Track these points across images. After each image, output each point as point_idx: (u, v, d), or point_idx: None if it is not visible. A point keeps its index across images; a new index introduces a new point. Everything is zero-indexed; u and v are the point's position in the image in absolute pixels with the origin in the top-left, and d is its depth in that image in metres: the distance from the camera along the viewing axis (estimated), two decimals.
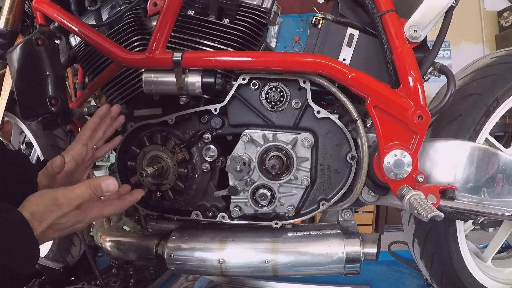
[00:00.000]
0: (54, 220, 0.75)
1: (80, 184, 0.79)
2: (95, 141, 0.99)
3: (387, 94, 0.92)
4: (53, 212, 0.75)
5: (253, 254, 1.03)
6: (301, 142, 0.99)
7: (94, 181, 0.78)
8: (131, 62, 0.98)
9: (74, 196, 0.77)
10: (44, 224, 0.74)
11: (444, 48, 3.52)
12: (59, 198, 0.76)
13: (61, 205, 0.76)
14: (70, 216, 0.77)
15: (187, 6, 1.04)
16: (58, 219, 0.76)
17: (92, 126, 0.98)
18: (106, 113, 1.00)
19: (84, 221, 0.80)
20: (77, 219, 0.79)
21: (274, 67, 0.96)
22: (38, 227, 0.74)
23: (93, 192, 0.77)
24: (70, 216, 0.77)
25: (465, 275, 1.14)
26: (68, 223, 0.78)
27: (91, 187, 0.77)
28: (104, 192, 0.78)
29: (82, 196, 0.77)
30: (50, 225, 0.75)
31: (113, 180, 0.79)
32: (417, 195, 0.90)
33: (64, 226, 0.77)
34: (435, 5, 0.94)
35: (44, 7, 1.02)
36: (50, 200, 0.76)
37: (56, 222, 0.76)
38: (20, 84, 0.98)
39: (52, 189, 0.79)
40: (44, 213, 0.75)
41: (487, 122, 1.07)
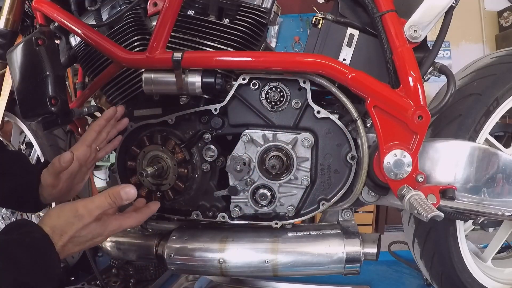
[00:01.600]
0: (75, 232, 0.76)
1: (100, 195, 0.79)
2: (99, 143, 0.99)
3: (387, 94, 0.92)
4: (73, 225, 0.75)
5: (253, 254, 1.03)
6: (301, 142, 0.99)
7: (113, 190, 0.79)
8: (131, 62, 0.98)
9: (94, 207, 0.77)
10: (64, 238, 0.75)
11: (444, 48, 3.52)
12: (79, 209, 0.76)
13: (82, 216, 0.76)
14: (91, 228, 0.77)
15: (187, 6, 1.04)
16: (79, 231, 0.76)
17: (98, 129, 0.98)
18: (113, 116, 1.00)
19: (104, 234, 0.80)
20: (97, 232, 0.79)
21: (274, 67, 0.96)
22: (59, 241, 0.74)
23: (112, 201, 0.78)
24: (90, 228, 0.77)
25: (465, 275, 1.14)
26: (89, 235, 0.78)
27: (110, 196, 0.78)
28: (124, 200, 0.79)
29: (102, 206, 0.78)
30: (70, 238, 0.75)
31: (132, 188, 0.80)
32: (417, 195, 0.90)
33: (84, 239, 0.78)
34: (435, 5, 0.94)
35: (44, 7, 1.02)
36: (71, 212, 0.76)
37: (76, 235, 0.76)
38: (20, 84, 0.98)
39: (71, 202, 0.80)
40: (65, 226, 0.75)
41: (487, 122, 1.07)
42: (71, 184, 0.96)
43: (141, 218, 0.87)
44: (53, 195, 0.94)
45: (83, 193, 1.52)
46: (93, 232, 0.78)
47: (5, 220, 1.70)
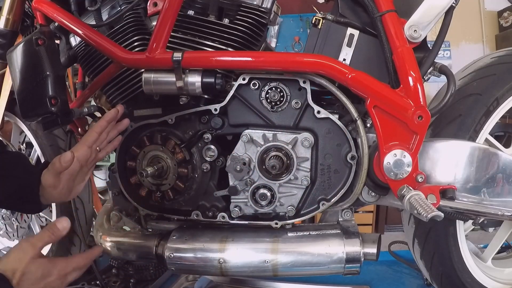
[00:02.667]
0: (24, 268, 0.77)
1: (40, 232, 0.84)
2: (99, 144, 0.99)
3: (387, 94, 0.92)
4: (21, 259, 0.78)
5: (253, 254, 1.03)
6: (301, 142, 0.99)
7: (49, 225, 0.85)
8: (131, 62, 0.98)
9: (36, 240, 0.81)
10: (17, 274, 0.76)
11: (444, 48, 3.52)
12: (23, 244, 0.80)
13: (26, 249, 0.79)
14: (38, 263, 0.80)
15: (187, 6, 1.04)
16: (28, 266, 0.78)
17: (99, 130, 0.98)
18: (114, 118, 1.00)
19: (53, 272, 0.82)
20: (45, 268, 0.81)
21: (274, 67, 0.96)
22: (13, 278, 0.76)
23: (51, 232, 0.83)
24: (38, 263, 0.80)
25: (465, 275, 1.14)
26: (39, 272, 0.79)
27: (49, 230, 0.83)
28: (61, 230, 0.84)
29: (43, 238, 0.82)
30: (22, 275, 0.77)
31: (65, 219, 0.85)
32: (417, 195, 0.90)
33: (35, 276, 0.79)
34: (435, 5, 0.94)
35: (44, 7, 1.02)
36: (17, 248, 0.80)
37: (26, 271, 0.78)
38: (20, 84, 0.98)
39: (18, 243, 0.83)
40: (14, 262, 0.78)
41: (487, 122, 1.07)
42: (72, 185, 0.96)
43: (87, 261, 0.89)
44: (54, 195, 0.95)
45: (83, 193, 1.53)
46: (42, 268, 0.80)
47: (5, 220, 1.70)
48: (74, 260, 0.87)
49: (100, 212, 1.24)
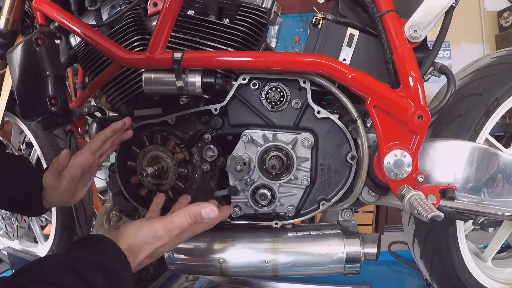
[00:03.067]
0: (154, 251, 0.78)
1: (179, 213, 0.82)
2: (103, 151, 1.00)
3: (387, 94, 0.92)
4: (152, 244, 0.78)
5: (253, 254, 1.03)
6: (301, 142, 0.99)
7: (193, 210, 0.81)
8: (131, 62, 0.98)
9: (173, 227, 0.80)
10: (141, 256, 0.77)
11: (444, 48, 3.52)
12: (159, 231, 0.78)
13: (161, 237, 0.79)
14: (169, 244, 0.81)
15: (187, 6, 1.04)
16: (157, 249, 0.79)
17: (104, 138, 0.99)
18: (121, 129, 1.01)
19: (179, 242, 0.84)
20: (173, 244, 0.82)
21: (274, 67, 0.96)
22: (136, 258, 0.76)
23: (192, 220, 0.81)
24: (168, 245, 0.81)
25: (465, 275, 1.14)
26: (166, 250, 0.81)
27: (190, 216, 0.81)
28: (204, 219, 0.81)
29: (182, 226, 0.80)
30: (148, 255, 0.78)
31: (213, 207, 0.82)
32: (417, 195, 0.90)
33: (161, 253, 0.82)
34: (435, 5, 0.94)
35: (44, 7, 1.02)
36: (150, 233, 0.78)
37: (154, 252, 0.79)
38: (20, 84, 0.98)
39: (148, 221, 0.81)
40: (143, 246, 0.77)
41: (487, 122, 1.07)
42: (73, 189, 0.96)
43: (212, 223, 0.89)
44: (55, 197, 0.95)
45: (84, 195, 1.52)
46: (170, 246, 0.82)
47: (5, 220, 1.70)
48: (200, 228, 0.85)
49: (100, 212, 1.24)
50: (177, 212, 0.82)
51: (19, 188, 0.94)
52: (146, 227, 0.79)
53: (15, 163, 1.00)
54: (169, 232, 0.79)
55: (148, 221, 0.81)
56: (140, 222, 0.81)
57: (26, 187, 0.95)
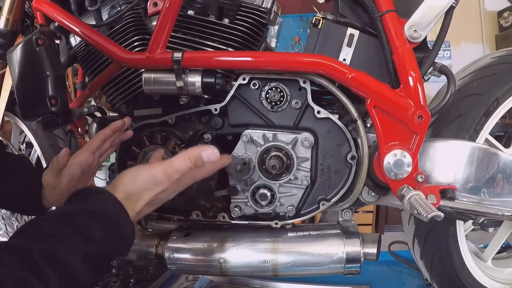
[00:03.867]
0: (153, 197, 0.74)
1: (178, 157, 0.77)
2: (102, 151, 1.00)
3: (387, 94, 0.92)
4: (151, 190, 0.74)
5: (253, 254, 1.03)
6: (301, 142, 0.99)
7: (193, 153, 0.77)
8: (131, 62, 0.98)
9: (173, 171, 0.76)
10: (140, 203, 0.73)
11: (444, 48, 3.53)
12: (158, 175, 0.74)
13: (161, 182, 0.74)
14: (168, 190, 0.76)
15: (187, 6, 1.04)
16: (157, 195, 0.75)
17: (103, 137, 0.98)
18: (120, 128, 1.00)
19: (179, 189, 0.79)
20: (173, 190, 0.78)
21: (274, 67, 0.96)
22: (134, 207, 0.72)
23: (193, 164, 0.77)
24: (168, 190, 0.76)
25: (465, 275, 1.14)
26: (165, 196, 0.77)
27: (190, 159, 0.76)
28: (205, 163, 0.77)
29: (182, 169, 0.76)
30: (147, 203, 0.74)
31: (214, 149, 0.78)
32: (417, 195, 0.90)
33: (160, 201, 0.77)
34: (435, 5, 0.94)
35: (44, 7, 1.02)
36: (149, 178, 0.74)
37: (154, 199, 0.75)
38: (20, 84, 0.98)
39: (146, 166, 0.78)
40: (142, 192, 0.73)
41: (487, 122, 1.07)
42: (73, 189, 0.96)
43: (212, 170, 0.85)
44: (54, 197, 0.95)
45: None
46: (169, 191, 0.77)
47: (5, 220, 1.71)
48: (200, 173, 0.81)
49: None
50: (177, 156, 0.78)
51: (18, 187, 0.94)
52: (144, 172, 0.75)
53: (15, 162, 1.00)
54: (169, 177, 0.75)
55: (146, 166, 0.77)
56: (138, 167, 0.77)
57: (25, 186, 0.95)
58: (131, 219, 0.71)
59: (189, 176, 0.80)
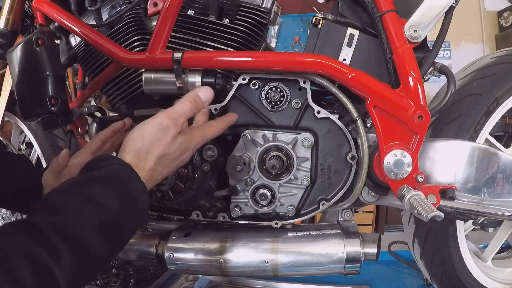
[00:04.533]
0: (163, 149, 0.72)
1: (178, 102, 0.77)
2: (103, 151, 1.00)
3: (387, 94, 0.92)
4: (160, 140, 0.72)
5: (253, 254, 1.03)
6: (301, 142, 0.99)
7: (190, 94, 0.78)
8: (131, 62, 0.98)
9: (177, 115, 0.75)
10: (151, 160, 0.70)
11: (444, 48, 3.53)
12: (164, 121, 0.72)
13: (168, 128, 0.72)
14: (178, 141, 0.74)
15: (187, 6, 1.04)
16: (167, 147, 0.72)
17: (104, 138, 0.98)
18: (121, 129, 1.00)
19: (190, 147, 0.77)
20: (184, 146, 0.76)
21: (274, 67, 0.96)
22: (145, 164, 0.70)
23: (193, 105, 0.77)
24: (178, 142, 0.74)
25: (465, 275, 1.14)
26: (177, 151, 0.74)
27: (190, 100, 0.77)
28: (204, 102, 0.79)
29: (185, 112, 0.76)
30: (158, 158, 0.71)
31: (207, 88, 0.80)
32: (417, 195, 0.90)
33: (173, 157, 0.74)
34: (435, 5, 0.94)
35: (44, 7, 1.02)
36: (155, 127, 0.72)
37: (165, 153, 0.72)
38: (20, 84, 0.98)
39: (150, 118, 0.75)
40: (152, 144, 0.71)
41: (487, 122, 1.07)
42: None
43: (222, 126, 0.84)
44: None
45: None
46: (180, 147, 0.74)
47: (5, 220, 1.70)
48: (210, 131, 0.80)
49: None
50: (177, 101, 0.78)
51: (18, 187, 0.94)
52: (149, 123, 0.73)
53: (15, 162, 1.00)
54: (175, 121, 0.73)
55: (151, 118, 0.75)
56: (143, 122, 0.75)
57: (25, 185, 0.95)
58: (143, 179, 0.68)
59: (197, 133, 0.79)
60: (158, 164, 0.72)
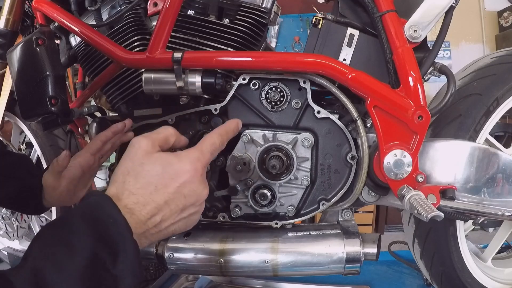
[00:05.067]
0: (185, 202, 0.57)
1: (209, 138, 0.66)
2: (103, 152, 1.00)
3: (387, 94, 0.92)
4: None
5: (253, 254, 1.03)
6: (301, 142, 0.99)
7: (226, 127, 0.70)
8: (131, 62, 0.98)
9: (207, 153, 0.63)
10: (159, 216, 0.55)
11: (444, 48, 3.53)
12: (189, 161, 0.59)
13: (195, 172, 0.58)
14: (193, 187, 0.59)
15: (187, 6, 1.04)
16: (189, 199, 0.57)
17: (104, 139, 0.99)
18: (121, 130, 1.00)
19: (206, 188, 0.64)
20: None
21: (274, 67, 0.96)
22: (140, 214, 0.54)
23: (226, 139, 0.68)
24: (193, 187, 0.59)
25: (465, 275, 1.14)
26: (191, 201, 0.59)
27: (222, 135, 0.68)
28: (235, 132, 0.72)
29: (214, 147, 0.66)
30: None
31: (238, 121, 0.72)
32: (417, 195, 0.90)
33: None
34: (435, 5, 0.94)
35: (44, 7, 1.02)
36: (183, 171, 0.58)
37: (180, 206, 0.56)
38: (20, 84, 0.98)
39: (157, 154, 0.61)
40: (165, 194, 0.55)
41: (487, 122, 1.07)
42: (73, 189, 0.97)
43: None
44: (54, 197, 0.95)
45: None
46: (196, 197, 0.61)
47: (5, 220, 1.71)
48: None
49: None
50: (203, 141, 0.68)
51: (19, 186, 0.94)
52: (162, 159, 0.59)
53: (16, 161, 1.01)
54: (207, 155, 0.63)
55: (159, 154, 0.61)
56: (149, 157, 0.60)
57: (26, 185, 0.95)
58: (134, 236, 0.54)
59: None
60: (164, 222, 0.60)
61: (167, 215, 0.57)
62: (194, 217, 0.62)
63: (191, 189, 0.59)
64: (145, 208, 0.55)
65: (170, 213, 0.57)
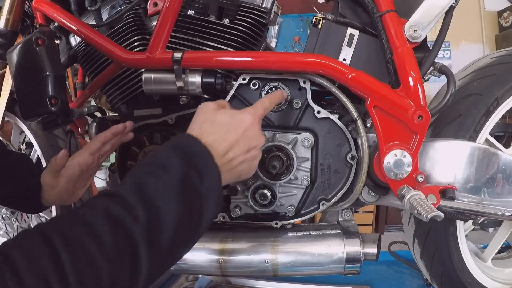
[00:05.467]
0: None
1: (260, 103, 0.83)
2: (102, 152, 1.00)
3: (387, 94, 0.92)
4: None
5: (253, 254, 1.03)
6: (301, 142, 0.99)
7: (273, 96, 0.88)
8: (131, 62, 0.98)
9: (261, 110, 0.80)
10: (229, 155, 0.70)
11: (444, 48, 3.53)
12: (252, 115, 0.76)
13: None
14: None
15: (187, 6, 1.04)
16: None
17: (103, 140, 0.98)
18: (121, 132, 1.00)
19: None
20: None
21: (274, 67, 0.96)
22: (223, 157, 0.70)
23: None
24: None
25: (465, 275, 1.14)
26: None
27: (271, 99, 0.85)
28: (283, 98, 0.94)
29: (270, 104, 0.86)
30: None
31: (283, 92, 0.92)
32: (417, 195, 0.90)
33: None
34: (435, 5, 0.94)
35: (44, 7, 1.02)
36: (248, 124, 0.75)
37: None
38: (20, 84, 0.98)
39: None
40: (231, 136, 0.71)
41: (487, 122, 1.07)
42: (72, 188, 0.97)
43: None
44: (53, 196, 0.95)
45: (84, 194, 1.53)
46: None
47: (5, 220, 1.70)
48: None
49: None
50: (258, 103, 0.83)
51: (19, 186, 0.94)
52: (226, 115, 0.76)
53: (16, 160, 1.01)
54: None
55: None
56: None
57: (25, 185, 0.95)
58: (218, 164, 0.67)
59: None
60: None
61: (237, 153, 0.71)
62: (254, 162, 0.77)
63: (254, 132, 0.74)
64: (222, 144, 0.69)
65: (239, 151, 0.71)
